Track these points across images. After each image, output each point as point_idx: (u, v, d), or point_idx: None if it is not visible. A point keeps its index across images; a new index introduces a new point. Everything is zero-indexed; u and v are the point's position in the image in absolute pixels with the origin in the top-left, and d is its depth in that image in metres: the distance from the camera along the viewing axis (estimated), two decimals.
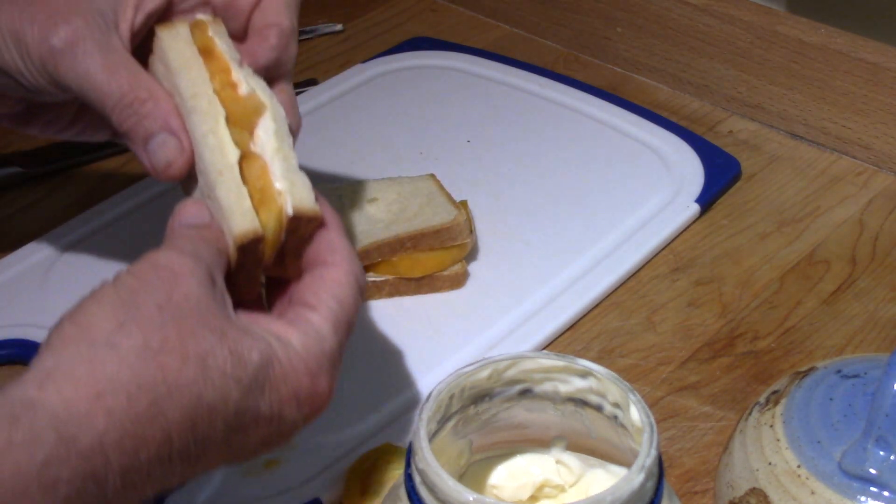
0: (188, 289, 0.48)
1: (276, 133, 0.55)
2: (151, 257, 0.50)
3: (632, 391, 0.48)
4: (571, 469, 0.53)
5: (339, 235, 0.55)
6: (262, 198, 0.53)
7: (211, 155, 0.54)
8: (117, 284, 0.49)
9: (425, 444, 0.46)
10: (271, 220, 0.53)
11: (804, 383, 0.56)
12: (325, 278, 0.53)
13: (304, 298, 0.53)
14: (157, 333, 0.46)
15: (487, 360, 0.50)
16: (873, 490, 0.51)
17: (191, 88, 0.55)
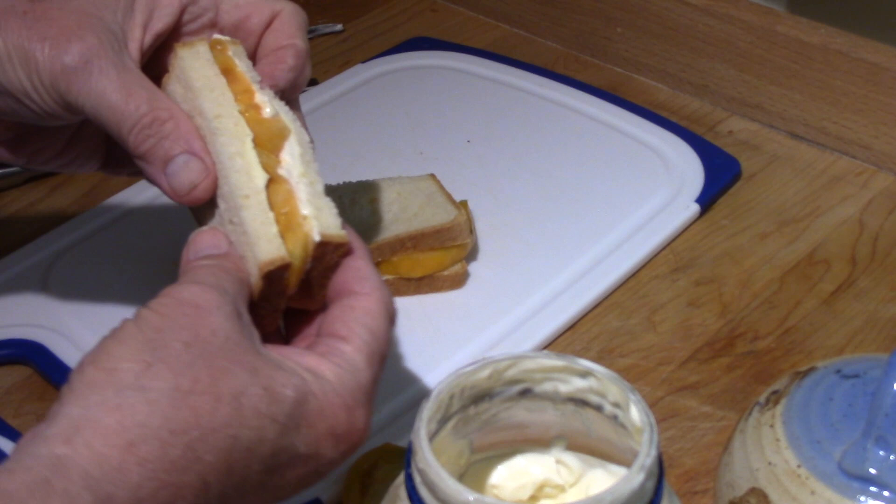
0: (215, 324, 0.46)
1: (302, 157, 0.54)
2: (174, 292, 0.48)
3: (632, 391, 0.48)
4: (571, 469, 0.53)
5: (367, 263, 0.53)
6: (289, 224, 0.51)
7: (237, 178, 0.52)
8: (140, 323, 0.46)
9: (425, 443, 0.46)
10: (298, 247, 0.51)
11: (804, 383, 0.56)
12: (356, 308, 0.51)
13: (335, 330, 0.50)
14: (187, 373, 0.44)
15: (488, 360, 0.50)
16: (873, 490, 0.51)
17: (215, 108, 0.54)
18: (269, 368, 0.47)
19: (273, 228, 0.51)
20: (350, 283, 0.52)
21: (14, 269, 0.76)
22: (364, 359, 0.49)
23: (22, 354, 0.70)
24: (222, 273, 0.49)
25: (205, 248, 0.52)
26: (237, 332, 0.47)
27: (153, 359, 0.44)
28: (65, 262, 0.77)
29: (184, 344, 0.45)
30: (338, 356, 0.49)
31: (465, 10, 1.04)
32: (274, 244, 0.50)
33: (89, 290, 0.75)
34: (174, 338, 0.45)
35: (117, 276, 0.76)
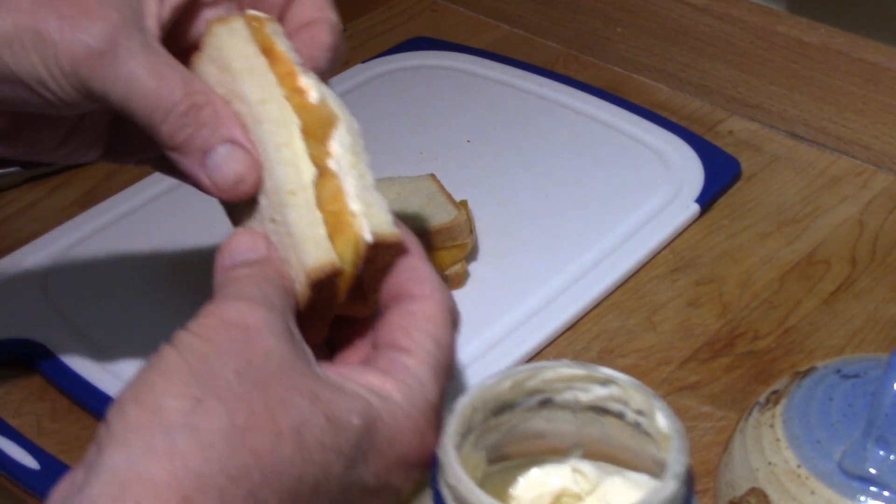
0: (267, 346, 0.41)
1: (352, 147, 0.49)
2: (218, 312, 0.42)
3: (656, 397, 0.48)
4: (588, 477, 0.53)
5: (424, 262, 0.48)
6: (337, 223, 0.47)
7: (284, 171, 0.47)
8: (183, 350, 0.41)
9: (454, 459, 0.44)
10: (348, 250, 0.47)
11: (804, 383, 0.56)
12: (417, 315, 0.46)
13: (396, 341, 0.46)
14: (242, 407, 0.39)
15: (509, 372, 0.49)
16: (873, 490, 0.51)
17: (258, 93, 0.48)
18: (331, 393, 0.42)
19: (321, 230, 0.46)
20: (407, 285, 0.47)
21: (14, 269, 0.76)
22: (431, 373, 0.45)
23: (22, 354, 0.70)
24: (267, 284, 0.44)
25: (243, 252, 0.47)
26: (291, 353, 0.42)
27: (203, 393, 0.39)
28: (65, 262, 0.77)
29: (235, 373, 0.40)
30: (402, 372, 0.45)
31: (465, 10, 1.04)
32: (323, 248, 0.46)
33: (89, 290, 0.75)
34: (224, 366, 0.40)
35: (117, 276, 0.76)
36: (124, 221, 0.80)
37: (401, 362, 0.45)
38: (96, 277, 0.76)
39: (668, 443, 0.46)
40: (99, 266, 0.77)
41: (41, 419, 0.68)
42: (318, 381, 0.42)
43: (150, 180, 0.83)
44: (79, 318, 0.72)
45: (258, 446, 0.39)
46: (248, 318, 0.42)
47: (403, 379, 0.44)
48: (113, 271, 0.76)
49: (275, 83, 0.49)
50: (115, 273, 0.76)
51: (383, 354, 0.45)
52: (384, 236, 0.47)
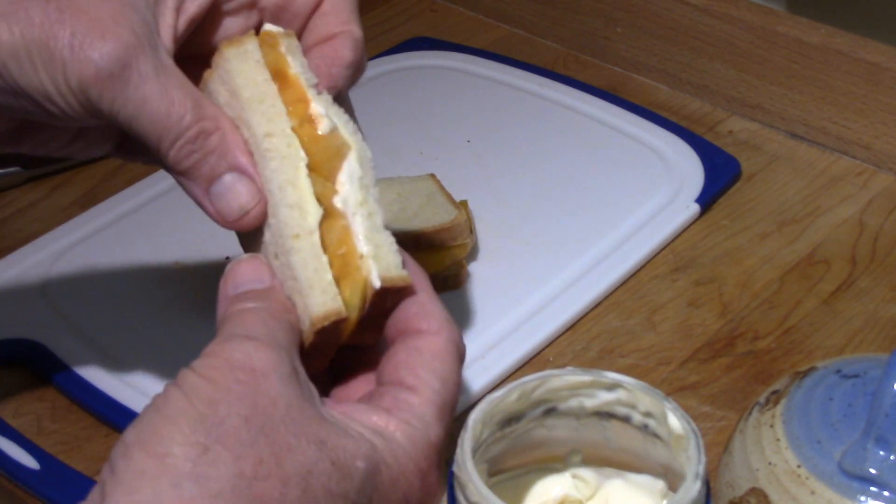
0: (274, 391, 0.41)
1: (361, 182, 0.47)
2: (223, 353, 0.42)
3: (667, 399, 0.48)
4: (588, 482, 0.53)
5: (431, 297, 0.47)
6: (345, 267, 0.46)
7: (289, 213, 0.46)
8: (189, 394, 0.40)
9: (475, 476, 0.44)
10: (356, 296, 0.46)
11: (804, 383, 0.56)
12: (423, 352, 0.45)
13: (401, 378, 0.45)
14: (249, 455, 0.39)
15: (516, 384, 0.49)
16: (873, 490, 0.51)
17: (266, 125, 0.47)
18: (336, 437, 0.42)
19: (327, 276, 0.45)
20: (414, 320, 0.46)
21: (14, 269, 0.76)
22: (435, 412, 0.45)
23: (22, 354, 0.70)
24: (273, 321, 0.44)
25: (245, 281, 0.46)
26: (298, 396, 0.42)
27: (209, 440, 0.39)
28: (65, 262, 0.77)
29: (242, 419, 0.40)
30: (407, 411, 0.44)
31: (465, 10, 1.04)
32: (329, 295, 0.45)
33: (89, 290, 0.75)
34: (231, 412, 0.40)
35: (117, 276, 0.76)
36: (124, 221, 0.80)
37: (405, 401, 0.45)
38: (96, 277, 0.76)
39: (683, 444, 0.46)
40: (99, 266, 0.77)
41: (41, 419, 0.68)
42: (323, 425, 0.42)
43: (150, 180, 0.83)
44: (79, 318, 0.72)
45: (265, 495, 0.39)
46: (254, 361, 0.42)
47: (407, 419, 0.44)
48: (113, 271, 0.76)
49: (283, 114, 0.47)
50: (115, 273, 0.76)
51: (388, 392, 0.45)
52: (393, 281, 0.46)
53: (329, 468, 0.41)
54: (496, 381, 0.69)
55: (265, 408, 0.40)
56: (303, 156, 0.47)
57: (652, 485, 0.51)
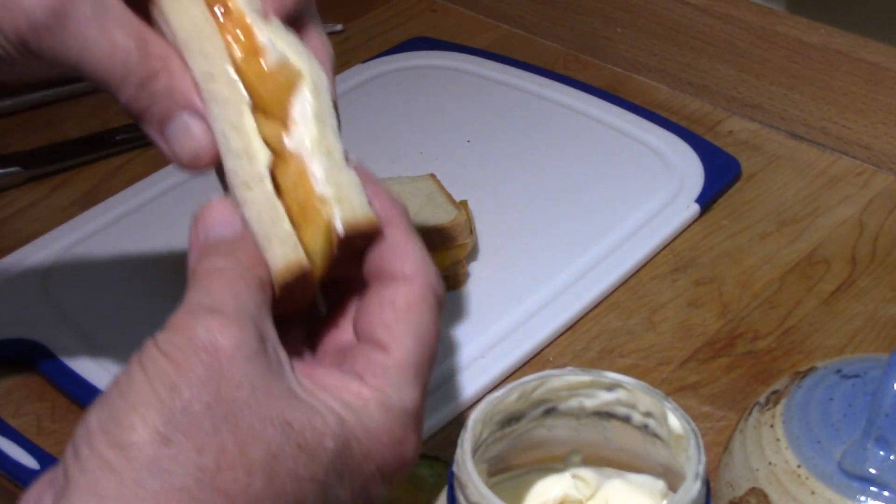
0: (239, 373, 0.40)
1: (317, 115, 0.44)
2: (187, 329, 0.40)
3: (667, 399, 0.48)
4: (588, 482, 0.53)
5: (406, 234, 0.44)
6: (304, 212, 0.43)
7: (236, 162, 0.43)
8: (152, 377, 0.39)
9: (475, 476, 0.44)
10: (318, 242, 0.43)
11: (804, 383, 0.56)
12: (397, 304, 0.43)
13: (375, 334, 0.43)
14: (212, 446, 0.38)
15: (516, 384, 0.49)
16: (873, 490, 0.51)
17: (204, 67, 0.44)
18: (304, 416, 0.40)
19: (285, 226, 0.43)
20: (388, 263, 0.44)
21: (14, 269, 0.76)
22: (410, 375, 0.43)
23: (22, 354, 0.70)
24: (240, 284, 0.42)
25: (215, 226, 0.44)
26: (264, 375, 0.40)
27: (171, 430, 0.38)
28: (65, 262, 0.77)
29: (205, 406, 0.39)
30: (380, 376, 0.43)
31: (465, 10, 1.04)
32: (288, 245, 0.43)
33: (89, 290, 0.75)
34: (193, 398, 0.39)
35: (117, 276, 0.76)
36: (124, 221, 0.80)
37: (379, 364, 0.43)
38: (96, 277, 0.76)
39: (683, 444, 0.46)
40: (99, 266, 0.77)
41: (41, 419, 0.68)
42: (290, 404, 0.40)
43: (150, 180, 0.83)
44: (79, 318, 0.72)
45: (229, 487, 0.38)
46: (217, 340, 0.40)
47: (380, 386, 0.43)
48: (113, 271, 0.76)
49: (223, 52, 0.44)
50: (115, 273, 0.76)
51: (361, 354, 0.43)
52: (358, 224, 0.43)
53: (295, 452, 0.40)
54: (496, 381, 0.69)
55: (228, 393, 0.39)
56: (246, 97, 0.43)
57: (652, 485, 0.51)
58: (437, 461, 0.61)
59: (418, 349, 0.43)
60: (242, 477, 0.38)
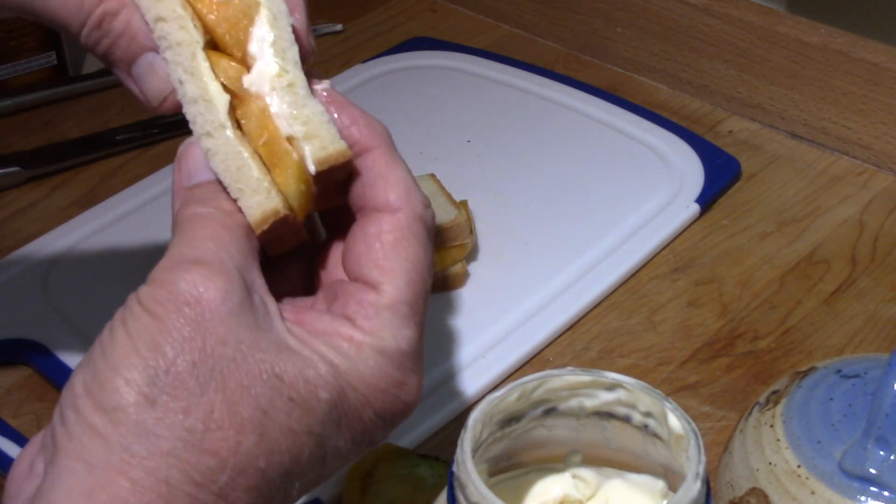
0: (224, 328, 0.38)
1: (276, 47, 0.41)
2: (170, 283, 0.39)
3: (667, 399, 0.48)
4: (588, 482, 0.53)
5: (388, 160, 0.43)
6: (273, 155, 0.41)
7: (194, 109, 0.41)
8: (135, 336, 0.39)
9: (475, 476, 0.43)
10: (291, 186, 0.41)
11: (804, 383, 0.56)
12: (384, 240, 0.41)
13: (363, 273, 0.41)
14: (199, 406, 0.37)
15: (516, 384, 0.49)
16: (873, 490, 0.51)
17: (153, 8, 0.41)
18: (294, 367, 0.39)
19: (254, 173, 0.40)
20: (371, 194, 0.42)
21: (14, 269, 0.76)
22: (404, 313, 0.41)
23: (22, 354, 0.70)
24: (223, 231, 0.40)
25: (198, 169, 0.42)
26: (250, 328, 0.39)
27: (155, 392, 0.37)
28: (65, 262, 0.77)
29: (190, 365, 0.38)
30: (372, 317, 0.41)
31: (465, 10, 1.04)
32: (261, 194, 0.40)
33: (89, 289, 0.74)
34: (178, 357, 0.38)
35: (117, 276, 0.76)
36: (124, 221, 0.80)
37: (370, 305, 0.41)
38: (96, 277, 0.76)
39: (683, 444, 0.46)
40: (99, 266, 0.77)
41: (41, 419, 0.68)
42: (280, 356, 0.39)
43: (150, 180, 0.83)
44: (79, 318, 0.72)
45: (219, 447, 0.37)
46: (201, 293, 0.38)
47: (373, 329, 0.41)
48: (113, 271, 0.76)
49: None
50: (115, 273, 0.76)
51: (352, 295, 0.41)
52: (331, 159, 0.41)
53: (287, 406, 0.38)
54: (496, 381, 0.69)
55: (214, 349, 0.38)
56: (198, 37, 0.41)
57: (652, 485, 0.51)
58: (437, 461, 0.61)
59: (410, 285, 0.41)
60: (232, 436, 0.37)
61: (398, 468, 0.61)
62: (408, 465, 0.61)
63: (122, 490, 0.36)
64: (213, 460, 0.37)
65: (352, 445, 0.41)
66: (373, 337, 0.41)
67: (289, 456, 0.39)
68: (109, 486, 0.36)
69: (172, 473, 0.37)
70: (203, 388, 0.38)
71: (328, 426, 0.40)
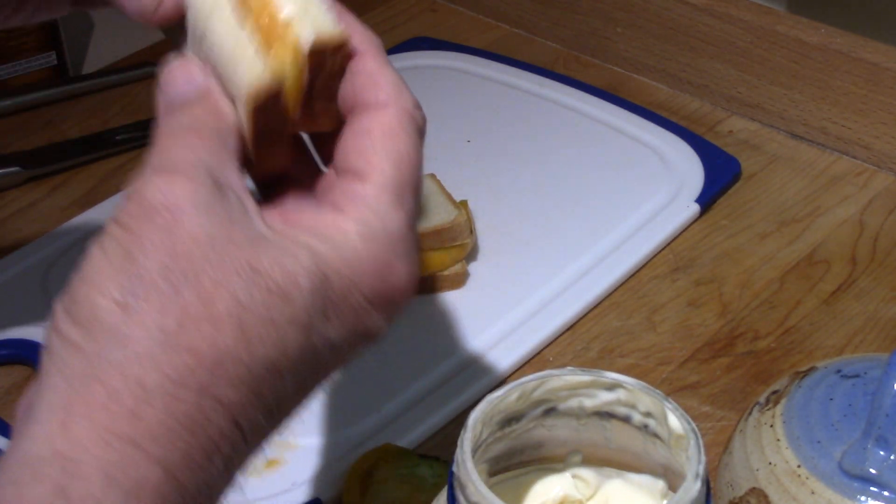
0: (194, 226, 0.38)
1: None
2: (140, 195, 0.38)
3: (667, 399, 0.48)
4: (588, 482, 0.53)
5: (380, 63, 0.43)
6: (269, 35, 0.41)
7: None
8: (108, 249, 0.38)
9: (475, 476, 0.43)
10: (286, 63, 0.40)
11: (804, 383, 0.56)
12: (372, 132, 0.41)
13: (350, 164, 0.41)
14: (173, 306, 0.37)
15: (516, 384, 0.49)
16: (873, 490, 0.51)
17: None
18: (272, 259, 0.38)
19: (250, 50, 0.40)
20: (361, 93, 0.42)
21: (14, 269, 0.76)
22: (392, 198, 0.41)
23: (22, 354, 0.70)
24: (193, 137, 0.40)
25: (178, 89, 0.42)
26: (223, 223, 0.38)
27: (128, 297, 0.37)
28: (65, 262, 0.77)
29: (162, 268, 0.37)
30: (358, 204, 0.40)
31: (465, 10, 1.04)
32: (255, 68, 0.40)
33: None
34: (149, 262, 0.37)
35: None
36: None
37: (355, 192, 0.41)
38: None
39: (683, 444, 0.46)
40: None
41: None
42: (256, 249, 0.38)
43: None
44: None
45: (196, 343, 0.37)
46: (168, 198, 0.38)
47: (358, 214, 0.40)
48: None
49: None
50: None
51: (338, 185, 0.41)
52: (324, 39, 0.41)
53: (266, 297, 0.37)
54: (496, 381, 0.69)
55: (185, 250, 0.37)
56: None
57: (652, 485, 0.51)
58: (437, 461, 0.61)
59: (397, 173, 0.41)
60: (209, 332, 0.37)
61: (398, 468, 0.61)
62: (408, 465, 0.61)
63: (98, 397, 0.36)
64: (190, 358, 0.36)
65: (346, 335, 0.40)
66: (357, 221, 0.40)
67: (273, 348, 0.38)
68: (86, 395, 0.36)
69: (148, 375, 0.36)
70: (176, 289, 0.37)
71: (313, 315, 0.39)
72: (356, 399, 0.67)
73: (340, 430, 0.65)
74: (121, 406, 0.36)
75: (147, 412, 0.36)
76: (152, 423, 0.36)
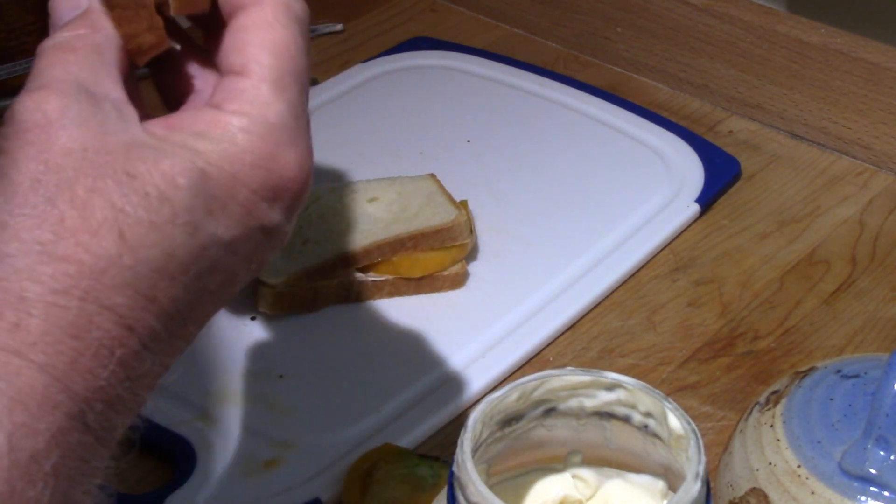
0: (66, 138, 0.38)
1: None
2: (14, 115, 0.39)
3: (667, 399, 0.48)
4: (588, 482, 0.53)
5: None
6: None
7: None
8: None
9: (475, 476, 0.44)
10: None
11: (804, 383, 0.56)
12: (249, 28, 0.41)
13: (229, 62, 0.41)
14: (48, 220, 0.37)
15: (516, 384, 0.49)
16: (873, 490, 0.51)
17: None
18: (149, 163, 0.38)
19: None
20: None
21: None
22: (271, 88, 0.41)
23: None
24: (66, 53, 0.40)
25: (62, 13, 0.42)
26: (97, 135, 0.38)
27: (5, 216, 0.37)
28: None
29: (33, 181, 0.37)
30: (238, 99, 0.40)
31: (465, 10, 1.04)
32: None
33: None
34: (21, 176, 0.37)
35: None
36: None
37: (235, 89, 0.41)
38: None
39: (683, 444, 0.46)
40: None
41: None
42: (131, 155, 0.38)
43: None
44: None
45: (75, 252, 0.37)
46: (36, 116, 0.38)
47: (237, 107, 0.40)
48: None
49: None
50: None
51: (220, 86, 0.41)
52: None
53: (144, 201, 0.37)
54: (496, 381, 0.69)
55: (58, 162, 0.37)
56: None
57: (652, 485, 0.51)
58: (437, 461, 0.61)
59: (276, 63, 0.41)
60: (87, 239, 0.37)
61: (398, 468, 0.61)
62: (408, 465, 0.61)
63: None
64: (70, 266, 0.36)
65: (238, 232, 0.40)
66: (236, 115, 0.40)
67: (157, 249, 0.38)
68: None
69: (28, 287, 0.36)
70: (51, 201, 0.37)
71: (196, 213, 0.39)
72: (356, 399, 0.67)
73: (340, 430, 0.65)
74: (2, 321, 0.36)
75: (29, 322, 0.36)
76: (34, 333, 0.36)
